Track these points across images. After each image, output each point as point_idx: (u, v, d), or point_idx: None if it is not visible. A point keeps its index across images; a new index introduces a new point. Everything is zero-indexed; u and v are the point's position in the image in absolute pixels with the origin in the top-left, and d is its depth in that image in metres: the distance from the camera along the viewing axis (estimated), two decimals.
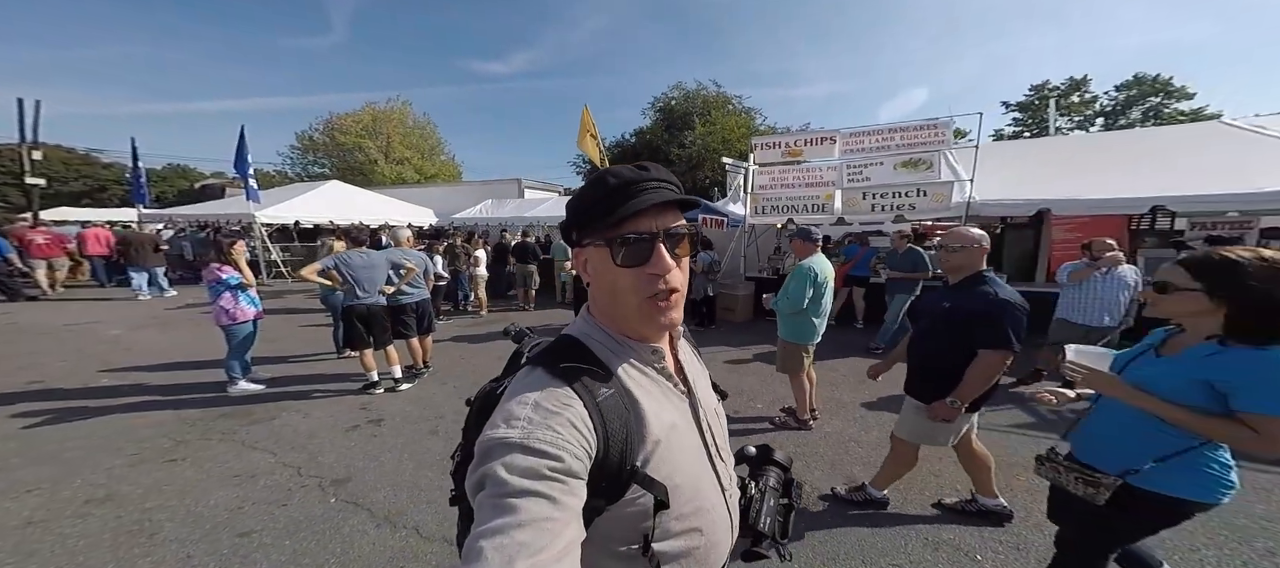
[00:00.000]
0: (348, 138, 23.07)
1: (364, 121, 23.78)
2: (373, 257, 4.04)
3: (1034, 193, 5.51)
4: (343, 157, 23.69)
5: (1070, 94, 25.82)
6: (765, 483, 0.79)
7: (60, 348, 5.38)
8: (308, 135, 24.27)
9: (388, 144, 23.97)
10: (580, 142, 10.01)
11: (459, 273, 8.35)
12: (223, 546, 2.06)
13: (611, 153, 28.70)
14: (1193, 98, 22.98)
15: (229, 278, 3.70)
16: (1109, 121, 24.45)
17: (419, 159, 25.22)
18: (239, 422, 3.38)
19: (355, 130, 23.35)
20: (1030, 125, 26.15)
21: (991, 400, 3.44)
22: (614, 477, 0.55)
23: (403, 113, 25.47)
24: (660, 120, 27.47)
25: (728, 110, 26.41)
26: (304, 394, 4.00)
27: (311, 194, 12.87)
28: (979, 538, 2.17)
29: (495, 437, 0.50)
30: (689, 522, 0.61)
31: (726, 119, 25.24)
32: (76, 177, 34.34)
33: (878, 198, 6.52)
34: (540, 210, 12.90)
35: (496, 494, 0.46)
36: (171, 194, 34.46)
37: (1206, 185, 4.53)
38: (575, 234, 0.64)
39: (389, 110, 24.88)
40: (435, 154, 27.04)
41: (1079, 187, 5.24)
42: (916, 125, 6.33)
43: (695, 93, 27.02)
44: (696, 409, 0.68)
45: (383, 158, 23.65)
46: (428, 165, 25.69)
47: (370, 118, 24.00)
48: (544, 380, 0.56)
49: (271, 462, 2.81)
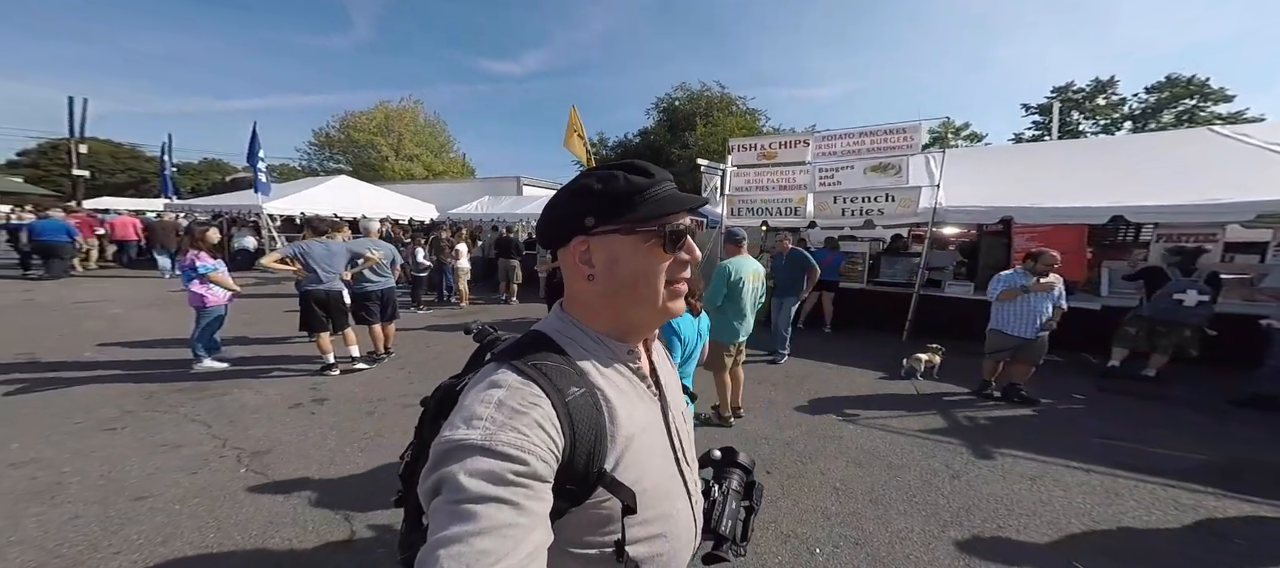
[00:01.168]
0: (361, 135, 23.98)
1: (377, 120, 24.67)
2: (333, 246, 4.30)
3: (1000, 200, 5.39)
4: (357, 153, 24.64)
5: (1095, 96, 24.64)
6: (728, 486, 0.79)
7: (62, 323, 5.86)
8: (324, 132, 25.34)
9: (399, 142, 24.79)
10: (567, 141, 10.16)
11: (443, 265, 8.66)
12: (114, 508, 2.23)
13: (615, 153, 28.93)
14: (1232, 100, 21.63)
15: (202, 266, 4.00)
16: (1137, 125, 23.23)
17: (429, 157, 25.98)
18: (190, 397, 3.66)
19: (368, 128, 24.24)
20: (1050, 129, 25.08)
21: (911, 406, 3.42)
22: (580, 480, 0.53)
23: (414, 112, 26.29)
24: (663, 121, 27.52)
25: (731, 111, 26.25)
26: (263, 373, 4.28)
27: (319, 188, 13.47)
28: (824, 531, 2.22)
29: (454, 438, 0.47)
30: (654, 527, 0.60)
31: (728, 120, 25.09)
32: (122, 169, 36.68)
33: (848, 202, 6.46)
34: (533, 206, 13.17)
35: (454, 500, 0.43)
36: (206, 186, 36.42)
37: (1174, 196, 4.37)
38: (593, 220, 0.59)
39: (401, 109, 25.73)
40: (445, 152, 27.78)
41: (1044, 195, 5.11)
42: (886, 130, 6.25)
43: (699, 93, 26.96)
44: (666, 412, 0.67)
45: (394, 155, 24.48)
46: (437, 163, 26.43)
47: (383, 116, 24.88)
48: (509, 378, 0.53)
49: (202, 433, 3.05)
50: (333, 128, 25.40)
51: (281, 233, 12.69)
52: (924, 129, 6.01)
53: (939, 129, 13.70)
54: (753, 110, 27.27)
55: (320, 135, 25.54)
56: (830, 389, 4.27)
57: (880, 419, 3.53)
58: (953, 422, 3.50)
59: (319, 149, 25.76)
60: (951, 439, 3.17)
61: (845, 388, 4.31)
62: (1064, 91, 25.52)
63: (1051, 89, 25.86)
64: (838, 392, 4.21)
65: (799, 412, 3.76)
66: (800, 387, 4.32)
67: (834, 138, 6.82)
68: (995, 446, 3.05)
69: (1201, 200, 4.16)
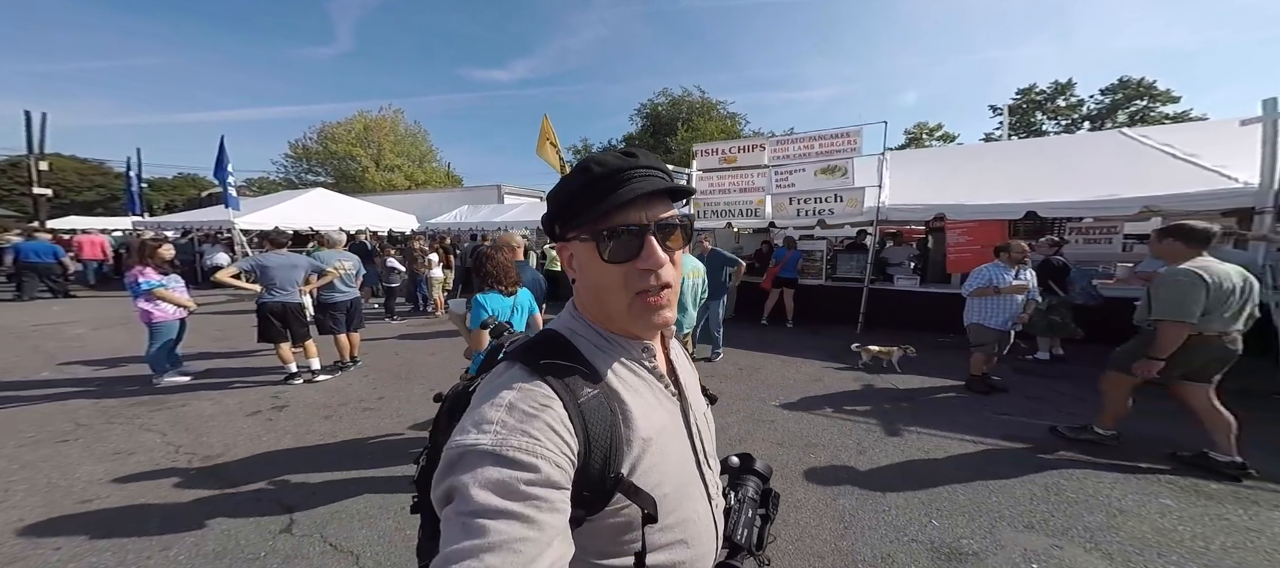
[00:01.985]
0: (340, 146, 23.86)
1: (356, 130, 24.59)
2: (294, 258, 4.41)
3: (935, 198, 5.75)
4: (336, 165, 24.49)
5: (1056, 98, 25.79)
6: (744, 493, 0.76)
7: (22, 344, 5.83)
8: (300, 144, 25.14)
9: (379, 152, 24.72)
10: (540, 149, 10.31)
11: (417, 275, 8.76)
12: (59, 507, 2.34)
13: None
14: (1178, 101, 22.87)
15: (145, 282, 4.07)
16: (1095, 125, 24.35)
17: (410, 166, 25.93)
18: (148, 409, 3.74)
19: (347, 139, 24.15)
20: (1016, 129, 26.12)
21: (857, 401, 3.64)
22: (597, 485, 0.51)
23: (394, 121, 26.26)
24: (647, 126, 27.95)
25: (711, 116, 26.81)
26: (226, 385, 4.36)
27: (295, 201, 13.45)
28: None
29: (465, 443, 0.46)
30: (675, 533, 0.57)
31: (709, 125, 25.62)
32: (90, 186, 35.67)
33: (802, 203, 6.79)
34: (510, 214, 13.34)
35: (465, 512, 0.42)
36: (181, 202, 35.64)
37: (1080, 193, 4.77)
38: (558, 227, 0.58)
39: (381, 119, 25.68)
40: (427, 161, 27.75)
41: (973, 193, 5.48)
42: (832, 134, 6.60)
43: (681, 98, 27.49)
44: (687, 413, 0.65)
45: (374, 166, 24.39)
46: (419, 173, 26.39)
47: (362, 126, 24.82)
48: (520, 378, 0.52)
49: (158, 441, 3.15)
50: (311, 139, 25.24)
51: (257, 248, 12.62)
52: (863, 133, 6.35)
53: (917, 130, 14.19)
54: (733, 114, 27.89)
55: (297, 147, 25.35)
56: (777, 380, 4.52)
57: (814, 405, 3.78)
58: (877, 405, 3.76)
59: (296, 161, 25.53)
60: (870, 420, 3.43)
61: (791, 378, 4.56)
62: (1028, 93, 26.65)
63: (1016, 91, 27.01)
64: (784, 382, 4.46)
65: (741, 401, 3.98)
66: (749, 378, 4.56)
67: (787, 142, 7.17)
68: (907, 425, 3.32)
69: (1101, 196, 4.55)
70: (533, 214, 13.34)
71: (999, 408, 3.63)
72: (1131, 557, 1.94)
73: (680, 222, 0.57)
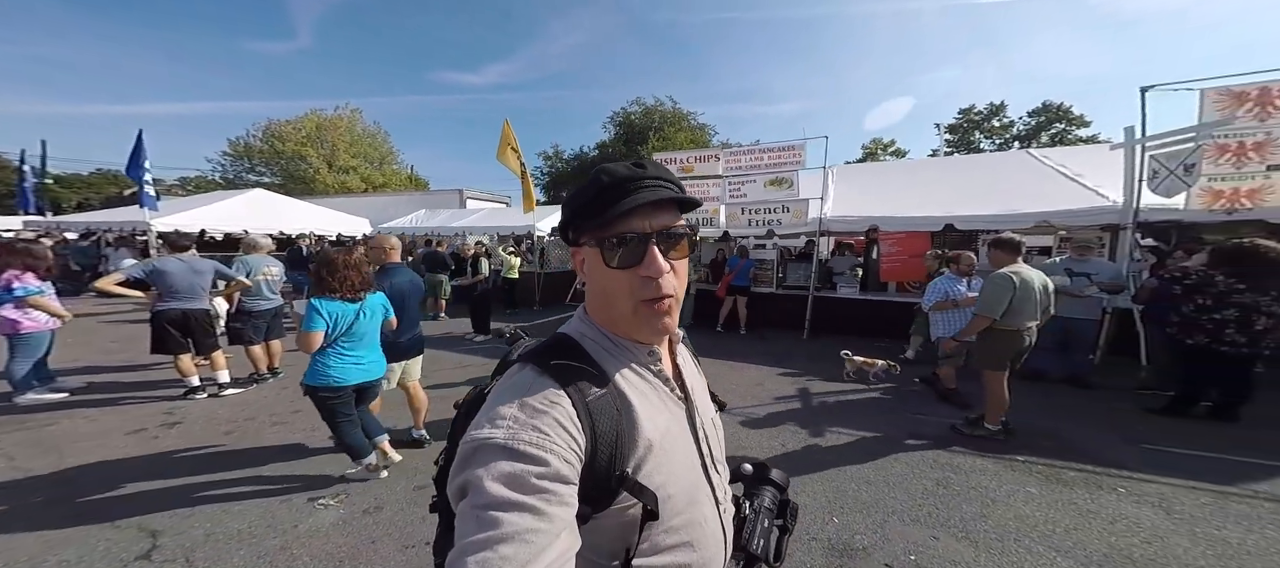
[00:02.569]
0: (288, 146, 22.43)
1: (306, 129, 23.22)
2: (198, 263, 4.07)
3: (869, 211, 6.12)
4: (285, 165, 22.99)
5: (991, 118, 28.19)
6: (760, 503, 0.75)
7: None
8: (242, 142, 23.43)
9: (333, 152, 23.44)
10: (500, 154, 10.18)
11: None
12: None
13: (570, 166, 29.13)
14: (1089, 125, 25.62)
15: (20, 288, 3.62)
16: (1024, 143, 26.80)
17: (367, 168, 24.74)
18: (2, 431, 3.30)
19: (296, 138, 22.74)
20: (957, 146, 28.31)
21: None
22: (602, 483, 0.52)
23: (351, 121, 25.03)
24: (621, 134, 28.12)
25: (681, 126, 27.36)
26: (113, 401, 3.92)
27: (230, 201, 12.48)
28: None
29: (479, 438, 0.48)
30: (680, 535, 0.58)
31: (679, 135, 26.12)
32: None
33: (753, 213, 7.02)
34: (469, 219, 12.98)
35: (479, 505, 0.44)
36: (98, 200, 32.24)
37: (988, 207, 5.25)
38: (572, 233, 0.61)
39: (335, 118, 24.41)
40: (387, 163, 26.60)
41: (902, 206, 5.89)
42: (779, 147, 6.89)
43: (654, 108, 27.89)
44: (693, 417, 0.65)
45: (327, 167, 23.09)
46: (377, 175, 25.24)
47: (314, 126, 23.47)
48: (532, 378, 0.54)
49: (3, 466, 2.78)
50: (255, 137, 23.56)
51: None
52: (808, 147, 6.67)
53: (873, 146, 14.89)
54: (703, 125, 28.55)
55: (237, 145, 23.58)
56: (721, 384, 4.60)
57: (751, 409, 3.87)
58: (808, 408, 3.90)
59: (236, 159, 23.73)
60: (798, 423, 3.54)
61: (735, 383, 4.66)
62: (968, 113, 28.99)
63: (958, 110, 29.31)
64: (728, 386, 4.54)
65: None
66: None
67: (739, 153, 7.41)
68: (831, 426, 3.45)
69: (1005, 211, 5.03)
70: (493, 219, 13.04)
71: (915, 408, 3.84)
72: (994, 543, 2.11)
73: (684, 232, 0.58)
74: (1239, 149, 4.06)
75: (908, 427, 3.44)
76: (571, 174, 27.01)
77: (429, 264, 9.03)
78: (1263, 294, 3.04)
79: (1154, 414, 3.43)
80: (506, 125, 9.96)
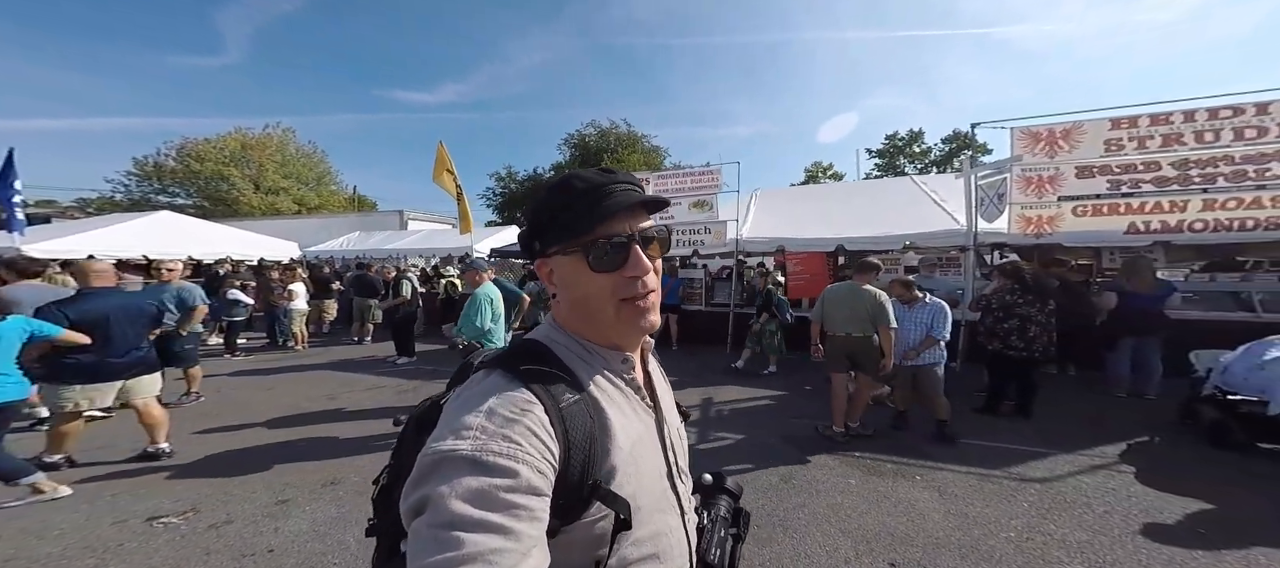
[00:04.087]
0: (206, 165, 20.66)
1: (229, 148, 21.54)
2: (46, 291, 3.70)
3: (778, 232, 6.63)
4: (204, 186, 21.12)
5: (912, 144, 31.32)
6: (717, 512, 0.75)
7: None
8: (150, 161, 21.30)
9: (260, 172, 21.85)
10: (436, 176, 10.01)
11: (275, 307, 7.82)
12: None
13: (523, 187, 28.96)
14: (991, 153, 29.14)
15: None
16: (940, 168, 29.93)
17: (300, 190, 23.24)
18: None
19: (216, 157, 21.01)
20: (885, 169, 31.11)
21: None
22: (574, 492, 0.49)
23: (282, 140, 23.53)
24: (576, 155, 28.39)
25: (635, 148, 28.13)
26: None
27: (127, 225, 11.29)
28: None
29: (441, 450, 0.44)
30: (647, 546, 0.56)
31: (633, 157, 26.80)
32: None
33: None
34: (406, 241, 12.52)
35: (438, 523, 0.40)
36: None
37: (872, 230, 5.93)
38: (538, 243, 0.60)
39: (263, 137, 22.84)
40: (324, 183, 25.14)
41: (805, 228, 6.46)
42: (699, 171, 7.34)
43: (609, 130, 28.51)
44: (662, 426, 0.64)
45: (253, 188, 21.45)
46: (312, 196, 23.76)
47: (237, 145, 21.82)
48: (501, 383, 0.51)
49: None
50: (167, 155, 21.52)
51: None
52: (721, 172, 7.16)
53: (815, 169, 15.77)
54: (657, 147, 29.46)
55: (145, 164, 21.39)
56: None
57: None
58: (705, 415, 4.15)
59: (143, 180, 21.49)
60: (692, 428, 3.76)
61: None
62: (893, 139, 32.05)
63: (884, 136, 32.31)
64: None
65: None
66: None
67: (667, 176, 7.79)
68: (721, 430, 3.72)
69: (882, 233, 5.71)
70: (432, 241, 12.66)
71: (795, 413, 4.15)
72: (801, 529, 2.36)
73: (659, 233, 0.60)
74: (1039, 182, 4.85)
75: (782, 429, 3.73)
76: (524, 195, 26.82)
77: (357, 288, 8.64)
78: (1034, 306, 3.63)
79: (977, 413, 3.89)
80: (441, 147, 9.87)
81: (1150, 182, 4.47)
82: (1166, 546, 2.14)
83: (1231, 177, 4.20)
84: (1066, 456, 3.11)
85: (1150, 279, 4.32)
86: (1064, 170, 4.76)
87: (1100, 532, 2.26)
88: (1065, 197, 4.79)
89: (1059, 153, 4.76)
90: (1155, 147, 4.44)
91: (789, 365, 5.65)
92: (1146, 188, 4.49)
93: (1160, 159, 4.43)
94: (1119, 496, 2.60)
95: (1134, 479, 2.78)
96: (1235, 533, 2.20)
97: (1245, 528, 2.24)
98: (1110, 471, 2.91)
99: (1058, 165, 4.77)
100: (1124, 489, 2.67)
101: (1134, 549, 2.13)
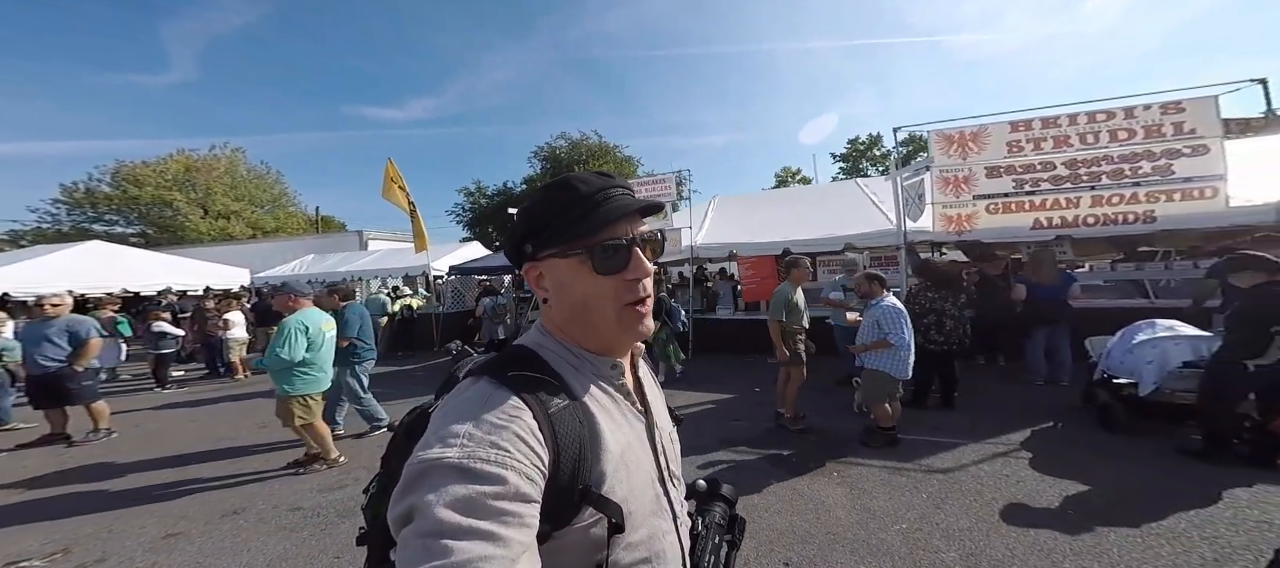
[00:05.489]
0: (146, 190, 19.47)
1: (172, 171, 20.38)
2: None
3: (729, 238, 6.79)
4: (146, 212, 19.87)
5: (872, 148, 32.70)
6: (711, 519, 0.75)
7: None
8: (78, 187, 19.84)
9: (207, 196, 20.73)
10: (386, 193, 9.85)
11: (211, 337, 7.43)
12: None
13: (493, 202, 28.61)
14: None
15: None
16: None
17: (254, 213, 22.18)
18: None
19: (157, 182, 19.83)
20: (849, 172, 32.34)
21: None
22: (564, 497, 0.49)
23: (232, 161, 22.45)
24: (547, 167, 28.26)
25: (608, 159, 28.25)
26: None
27: (52, 257, 10.53)
28: None
29: (428, 458, 0.44)
30: (639, 551, 0.56)
31: (605, 168, 26.86)
32: None
33: None
34: (363, 262, 12.12)
35: (426, 532, 0.40)
36: None
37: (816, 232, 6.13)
38: (531, 246, 0.58)
39: (210, 159, 21.74)
40: (280, 205, 24.10)
41: (755, 234, 6.63)
42: (654, 179, 7.46)
43: (580, 142, 28.54)
44: (653, 431, 0.64)
45: (201, 212, 20.32)
46: (268, 219, 22.72)
47: (180, 167, 20.66)
48: (488, 390, 0.51)
49: None
50: (101, 181, 20.16)
51: None
52: (682, 177, 7.30)
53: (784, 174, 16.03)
54: (629, 158, 29.65)
55: (75, 191, 19.92)
56: None
57: None
58: None
59: (74, 208, 20.03)
60: None
61: None
62: (855, 143, 33.40)
63: (847, 141, 33.62)
64: None
65: None
66: None
67: None
68: (683, 435, 3.75)
69: (824, 235, 5.93)
70: (391, 261, 12.30)
71: (735, 415, 4.25)
72: None
73: (655, 236, 0.61)
74: (955, 182, 5.16)
75: (722, 433, 3.80)
76: (495, 210, 26.46)
77: (259, 319, 8.23)
78: (948, 301, 3.84)
79: (906, 406, 3.98)
80: (390, 163, 9.72)
81: (1048, 180, 4.83)
82: (1035, 529, 2.27)
83: (1112, 175, 4.58)
84: (975, 445, 3.27)
85: (1052, 271, 4.63)
86: (976, 171, 5.07)
87: (981, 519, 2.37)
88: (979, 196, 5.10)
89: (971, 154, 5.08)
90: (1048, 148, 4.80)
91: (745, 367, 5.77)
92: (1045, 186, 4.84)
93: (1054, 159, 4.79)
94: (1009, 481, 2.74)
95: (1027, 465, 2.94)
96: (1096, 513, 2.35)
97: (1107, 509, 2.39)
98: (1009, 458, 3.06)
99: (970, 166, 5.08)
100: (1015, 475, 2.82)
101: (1005, 534, 2.25)
